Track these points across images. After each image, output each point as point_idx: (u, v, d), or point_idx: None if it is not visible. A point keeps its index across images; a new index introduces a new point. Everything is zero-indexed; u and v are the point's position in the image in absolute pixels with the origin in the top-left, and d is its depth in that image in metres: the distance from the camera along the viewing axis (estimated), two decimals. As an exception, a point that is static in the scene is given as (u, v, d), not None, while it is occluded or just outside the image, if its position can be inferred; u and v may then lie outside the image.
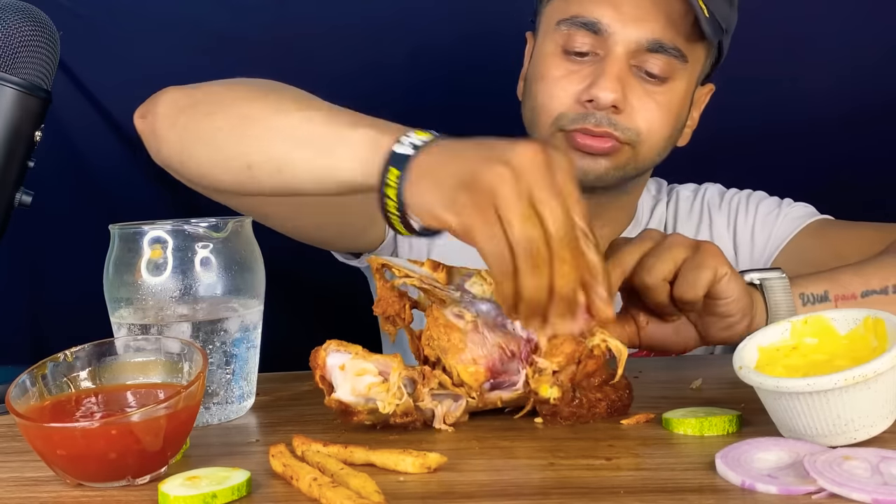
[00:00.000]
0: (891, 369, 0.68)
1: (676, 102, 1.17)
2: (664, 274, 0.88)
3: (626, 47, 1.12)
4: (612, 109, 1.12)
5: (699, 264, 0.88)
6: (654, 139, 1.16)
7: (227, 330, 0.85)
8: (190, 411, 0.72)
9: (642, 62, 1.13)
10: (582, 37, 1.13)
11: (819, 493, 0.62)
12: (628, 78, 1.13)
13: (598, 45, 1.13)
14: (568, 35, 1.14)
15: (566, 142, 1.14)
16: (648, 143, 1.16)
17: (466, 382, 0.81)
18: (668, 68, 1.13)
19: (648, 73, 1.13)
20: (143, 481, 0.70)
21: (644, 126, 1.14)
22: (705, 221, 1.33)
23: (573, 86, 1.14)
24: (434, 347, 0.82)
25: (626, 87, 1.12)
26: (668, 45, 1.12)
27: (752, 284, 0.96)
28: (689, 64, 1.15)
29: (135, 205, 1.65)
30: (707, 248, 0.89)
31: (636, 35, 1.11)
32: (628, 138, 1.14)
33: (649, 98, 1.14)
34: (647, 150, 1.16)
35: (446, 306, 0.83)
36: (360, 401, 0.80)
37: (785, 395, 0.71)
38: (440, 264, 0.87)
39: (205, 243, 0.85)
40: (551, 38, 1.17)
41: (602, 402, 0.82)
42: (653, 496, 0.64)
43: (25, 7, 0.93)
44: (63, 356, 0.77)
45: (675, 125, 1.18)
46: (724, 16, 1.13)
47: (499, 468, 0.72)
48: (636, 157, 1.16)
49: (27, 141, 0.93)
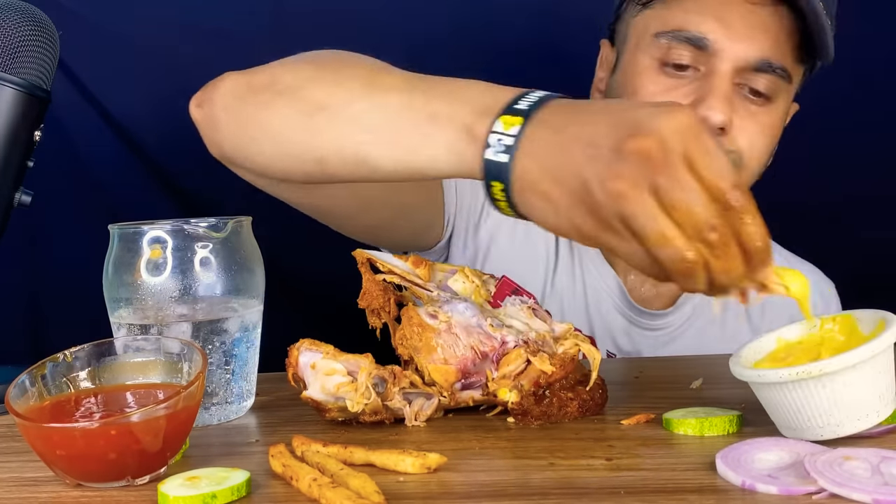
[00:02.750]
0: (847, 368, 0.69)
1: (777, 124, 1.12)
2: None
3: (734, 65, 1.06)
4: (719, 131, 1.06)
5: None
6: (754, 163, 1.11)
7: (227, 330, 0.85)
8: (189, 411, 0.72)
9: (747, 80, 1.07)
10: (685, 51, 1.07)
11: (819, 494, 0.62)
12: (734, 97, 1.07)
13: (700, 61, 1.07)
14: (668, 48, 1.08)
15: None
16: (749, 168, 1.10)
17: (437, 382, 0.81)
18: (773, 87, 1.08)
19: (753, 91, 1.08)
20: (142, 481, 0.70)
21: (746, 146, 1.09)
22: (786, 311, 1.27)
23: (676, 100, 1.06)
24: (407, 346, 0.83)
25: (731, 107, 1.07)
26: (776, 64, 1.07)
27: None
28: (793, 84, 1.11)
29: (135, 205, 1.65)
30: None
31: (745, 53, 1.06)
32: (734, 159, 1.07)
33: (752, 119, 1.08)
34: (748, 174, 1.10)
35: (423, 305, 0.84)
36: (329, 399, 0.81)
37: (765, 385, 0.73)
38: (423, 260, 0.88)
39: (204, 243, 0.85)
40: (646, 50, 1.11)
41: (573, 401, 0.83)
42: (653, 496, 0.64)
43: (25, 7, 0.93)
44: (62, 356, 0.77)
45: (773, 147, 1.13)
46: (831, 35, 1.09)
47: (499, 468, 0.72)
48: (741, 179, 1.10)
49: (27, 141, 0.93)
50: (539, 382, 0.82)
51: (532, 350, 0.81)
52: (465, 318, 0.83)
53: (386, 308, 0.87)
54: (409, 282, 0.86)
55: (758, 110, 1.09)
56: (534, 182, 0.66)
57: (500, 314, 0.85)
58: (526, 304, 0.86)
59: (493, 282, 0.88)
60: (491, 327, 0.82)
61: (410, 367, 0.84)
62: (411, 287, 0.86)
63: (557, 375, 0.81)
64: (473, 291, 0.86)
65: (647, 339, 1.22)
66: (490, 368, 0.82)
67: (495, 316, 0.84)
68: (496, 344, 0.82)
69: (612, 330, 1.22)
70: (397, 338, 0.84)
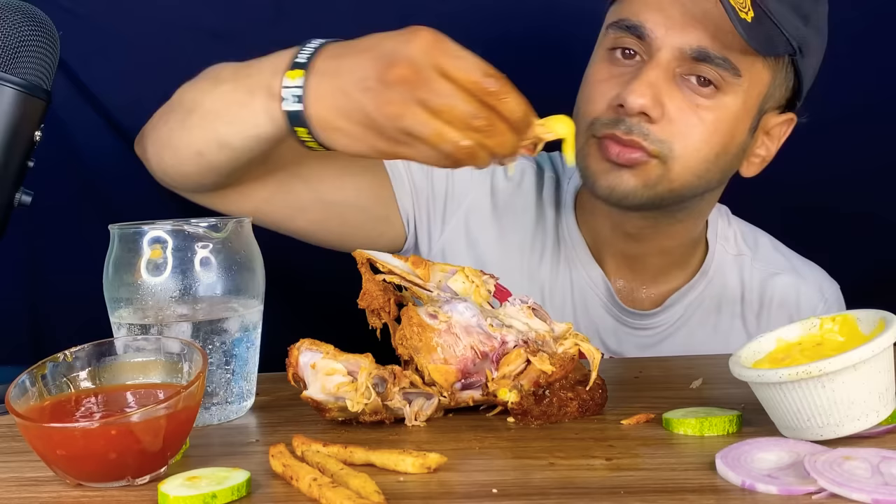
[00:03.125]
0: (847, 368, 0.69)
1: (726, 120, 1.08)
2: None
3: (670, 53, 1.05)
4: (645, 118, 1.05)
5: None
6: (689, 156, 1.07)
7: (227, 330, 0.85)
8: (190, 411, 0.72)
9: (690, 70, 1.06)
10: (628, 40, 1.08)
11: (819, 494, 0.62)
12: (669, 86, 1.06)
13: (643, 51, 1.08)
14: (614, 38, 1.10)
15: (597, 150, 1.08)
16: (683, 161, 1.07)
17: (437, 382, 0.81)
18: (717, 79, 1.06)
19: (700, 79, 1.06)
20: (142, 481, 0.70)
21: (679, 140, 1.06)
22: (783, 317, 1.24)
23: (611, 90, 1.08)
24: (407, 346, 0.83)
25: (664, 95, 1.05)
26: (715, 54, 1.04)
27: None
28: (745, 80, 1.07)
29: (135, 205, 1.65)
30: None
31: (680, 41, 1.05)
32: (658, 150, 1.06)
33: (692, 111, 1.06)
34: (680, 169, 1.07)
35: (423, 305, 0.84)
36: (329, 399, 0.81)
37: (765, 385, 0.73)
38: (423, 261, 0.88)
39: (205, 243, 0.85)
40: (601, 42, 1.13)
41: (573, 401, 0.83)
42: (653, 496, 0.64)
43: (25, 7, 0.93)
44: (63, 356, 0.77)
45: (722, 145, 1.09)
46: (796, 34, 1.05)
47: (499, 468, 0.72)
48: (668, 175, 1.07)
49: (27, 141, 0.93)
50: (539, 382, 0.82)
51: (532, 350, 0.82)
52: (465, 318, 0.83)
53: (386, 308, 0.87)
54: (408, 282, 0.86)
55: (701, 102, 1.06)
56: (329, 121, 0.83)
57: (499, 314, 0.85)
58: (526, 304, 0.86)
59: (492, 282, 0.88)
60: (491, 327, 0.82)
61: (410, 367, 0.84)
62: (411, 287, 0.86)
63: (557, 375, 0.82)
64: (473, 291, 0.86)
65: (635, 339, 1.22)
66: (490, 368, 0.82)
67: (495, 316, 0.84)
68: (496, 344, 0.82)
69: (599, 329, 1.21)
70: (397, 338, 0.84)
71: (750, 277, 1.25)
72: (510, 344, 0.82)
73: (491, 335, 0.82)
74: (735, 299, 1.25)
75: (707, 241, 1.25)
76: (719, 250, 1.25)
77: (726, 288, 1.25)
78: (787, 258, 1.29)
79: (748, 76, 1.07)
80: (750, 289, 1.25)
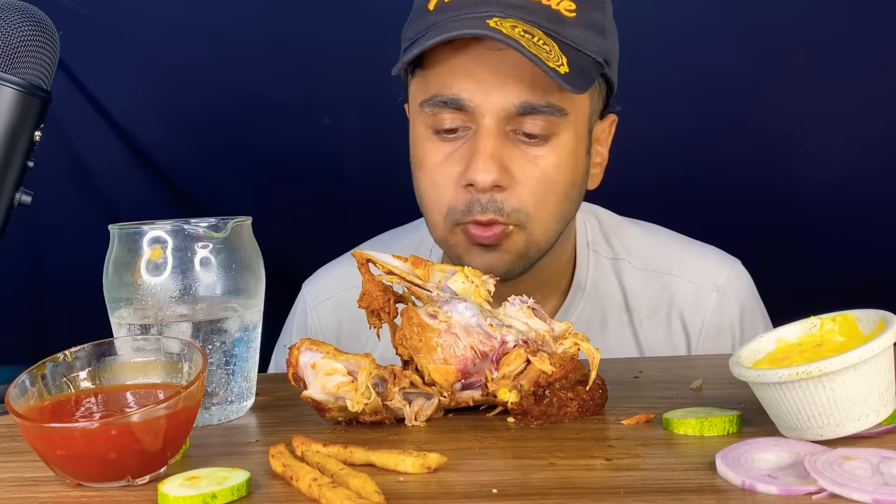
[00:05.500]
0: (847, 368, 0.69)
1: (566, 158, 1.06)
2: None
3: (495, 117, 1.02)
4: (496, 189, 1.03)
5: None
6: (544, 213, 1.06)
7: (227, 330, 0.85)
8: (190, 411, 0.72)
9: (517, 126, 1.03)
10: (448, 114, 1.04)
11: (819, 494, 0.62)
12: (506, 148, 1.03)
13: (467, 120, 1.04)
14: (433, 115, 1.05)
15: (464, 237, 1.06)
16: (541, 219, 1.06)
17: (437, 382, 0.81)
18: (546, 126, 1.03)
19: (527, 134, 1.03)
20: (142, 481, 0.70)
21: (530, 200, 1.04)
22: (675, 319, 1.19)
23: (452, 170, 1.05)
24: (407, 346, 0.83)
25: (505, 159, 1.03)
26: (538, 104, 1.02)
27: None
28: (572, 114, 1.05)
29: (135, 205, 1.65)
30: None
31: (501, 103, 1.02)
32: (516, 220, 1.04)
33: (532, 165, 1.04)
34: (541, 227, 1.06)
35: (423, 305, 0.84)
36: (329, 399, 0.81)
37: (765, 385, 0.73)
38: (422, 261, 0.88)
39: (204, 243, 0.85)
40: (419, 119, 1.08)
41: (573, 401, 0.83)
42: (653, 496, 0.64)
43: (25, 7, 0.93)
44: (63, 356, 0.77)
45: (570, 181, 1.08)
46: (600, 50, 1.05)
47: (499, 468, 0.72)
48: (533, 238, 1.06)
49: (27, 141, 0.93)
50: (539, 382, 0.82)
51: (532, 350, 0.81)
52: (465, 318, 0.83)
53: (386, 309, 0.87)
54: (408, 282, 0.86)
55: (537, 151, 1.04)
56: None
57: (499, 314, 0.85)
58: (526, 304, 0.86)
59: (491, 282, 0.88)
60: (491, 327, 0.82)
61: (410, 367, 0.84)
62: (411, 287, 0.86)
63: (557, 375, 0.82)
64: (473, 291, 0.86)
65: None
66: (490, 368, 0.82)
67: (495, 316, 0.84)
68: (496, 344, 0.82)
69: None
70: (397, 338, 0.84)
71: (631, 281, 1.21)
72: (510, 344, 0.82)
73: (491, 335, 0.82)
74: (619, 308, 1.20)
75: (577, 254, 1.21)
76: (593, 261, 1.21)
77: (608, 298, 1.20)
78: (669, 251, 1.23)
79: (573, 110, 1.05)
80: (633, 294, 1.21)
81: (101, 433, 0.67)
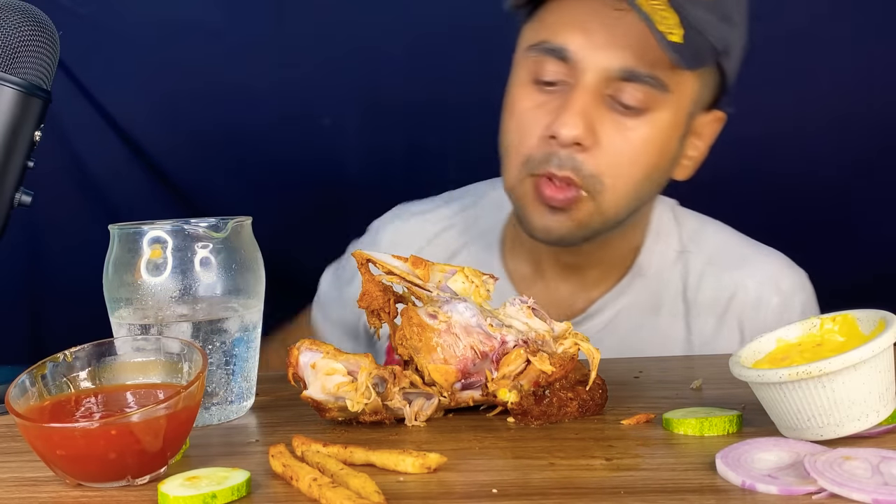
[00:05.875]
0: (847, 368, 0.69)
1: (657, 136, 1.05)
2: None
3: (596, 76, 1.02)
4: (577, 147, 1.03)
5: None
6: (619, 187, 1.05)
7: (227, 330, 0.85)
8: (190, 411, 0.72)
9: (616, 91, 1.03)
10: (551, 64, 1.04)
11: (819, 494, 0.62)
12: (598, 110, 1.03)
13: (568, 74, 1.04)
14: (536, 62, 1.05)
15: (533, 190, 1.06)
16: (613, 191, 1.05)
17: (437, 382, 0.81)
18: (645, 98, 1.03)
19: (623, 104, 1.03)
20: (142, 481, 0.70)
21: (609, 169, 1.04)
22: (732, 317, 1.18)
23: (540, 120, 1.05)
24: (407, 346, 0.83)
25: (595, 121, 1.03)
26: (642, 73, 1.02)
27: None
28: (674, 94, 1.04)
29: (135, 205, 1.65)
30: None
31: (606, 62, 1.02)
32: (589, 186, 1.04)
33: (623, 132, 1.04)
34: (611, 200, 1.06)
35: (423, 305, 0.84)
36: (329, 399, 0.81)
37: (765, 385, 0.73)
38: (422, 261, 0.88)
39: (205, 243, 0.85)
40: (522, 65, 1.09)
41: (573, 401, 0.83)
42: (653, 496, 0.64)
43: (25, 7, 0.93)
44: (63, 356, 0.77)
45: (654, 163, 1.07)
46: (719, 36, 1.03)
47: (499, 468, 0.72)
48: (600, 209, 1.06)
49: (27, 141, 0.93)
50: (539, 382, 0.82)
51: (532, 350, 0.81)
52: (465, 318, 0.83)
53: (386, 309, 0.87)
54: (408, 282, 0.86)
55: (629, 123, 1.04)
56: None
57: (499, 314, 0.85)
58: (526, 304, 0.86)
59: (492, 282, 0.88)
60: (491, 327, 0.82)
61: (410, 367, 0.84)
62: (411, 287, 0.86)
63: (557, 375, 0.81)
64: (473, 291, 0.86)
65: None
66: (490, 368, 0.82)
67: (495, 316, 0.84)
68: (496, 344, 0.82)
69: None
70: (397, 338, 0.84)
71: (694, 275, 1.19)
72: (510, 344, 0.82)
73: (491, 335, 0.82)
74: (676, 299, 1.19)
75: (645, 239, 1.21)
76: (660, 248, 1.20)
77: (667, 287, 1.19)
78: (739, 250, 1.22)
79: (677, 89, 1.04)
80: (694, 287, 1.19)
81: (101, 433, 0.67)
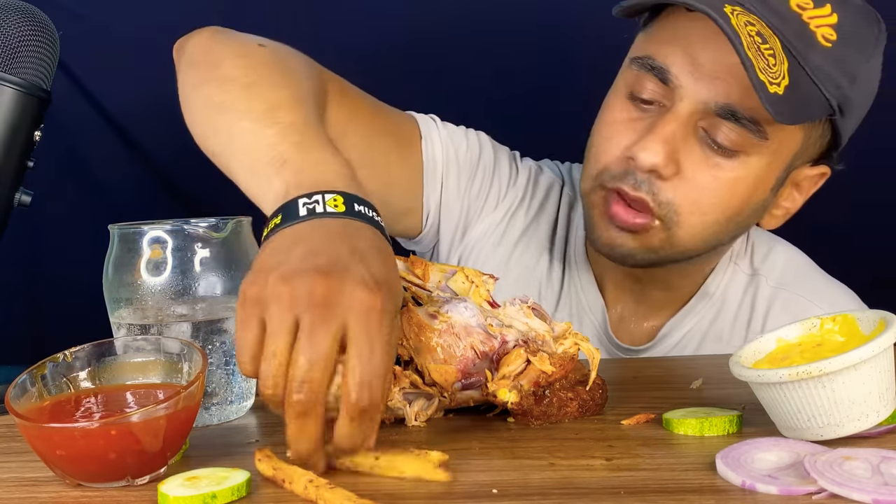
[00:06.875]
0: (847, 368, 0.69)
1: (745, 182, 0.99)
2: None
3: (692, 106, 0.97)
4: (655, 174, 0.98)
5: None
6: (695, 223, 1.00)
7: (227, 330, 0.85)
8: (189, 411, 0.72)
9: (711, 127, 0.97)
10: (650, 82, 0.99)
11: (819, 494, 0.62)
12: (687, 141, 0.97)
13: (665, 96, 0.99)
14: (637, 76, 1.01)
15: (603, 203, 1.02)
16: (688, 227, 1.00)
17: (438, 383, 0.81)
18: (740, 141, 0.97)
19: (716, 142, 0.97)
20: (142, 482, 0.70)
21: (687, 202, 0.98)
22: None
23: (626, 136, 1.00)
24: (407, 347, 0.83)
25: (680, 151, 0.97)
26: (742, 114, 0.95)
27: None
28: (773, 142, 0.97)
29: (135, 205, 1.65)
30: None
31: (705, 94, 0.96)
32: (664, 215, 0.99)
33: (709, 170, 0.98)
34: (685, 235, 1.00)
35: (423, 305, 0.84)
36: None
37: (765, 385, 0.73)
38: (422, 261, 0.88)
39: (204, 243, 0.85)
40: (623, 74, 1.04)
41: (573, 401, 0.82)
42: (653, 496, 0.64)
43: (25, 7, 0.93)
44: (62, 356, 0.77)
45: (738, 207, 1.01)
46: (837, 94, 0.96)
47: (499, 468, 0.72)
48: (671, 241, 1.01)
49: (27, 141, 0.93)
50: (539, 382, 0.82)
51: (532, 350, 0.81)
52: (465, 318, 0.83)
53: (386, 308, 0.87)
54: (408, 282, 0.86)
55: (719, 161, 0.98)
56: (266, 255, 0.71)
57: (500, 314, 0.85)
58: (526, 304, 0.86)
59: (491, 282, 0.88)
60: (491, 327, 0.82)
61: (410, 367, 0.84)
62: (410, 287, 0.86)
63: (557, 375, 0.81)
64: (473, 292, 0.86)
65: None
66: (490, 368, 0.82)
67: (495, 316, 0.84)
68: (496, 344, 0.82)
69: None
70: None
71: (762, 300, 1.14)
72: (510, 344, 0.82)
73: (491, 335, 0.82)
74: (742, 325, 1.14)
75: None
76: (730, 272, 1.15)
77: (733, 312, 1.14)
78: (807, 275, 1.17)
79: (777, 138, 0.98)
80: (760, 314, 1.14)
81: (101, 433, 0.67)
